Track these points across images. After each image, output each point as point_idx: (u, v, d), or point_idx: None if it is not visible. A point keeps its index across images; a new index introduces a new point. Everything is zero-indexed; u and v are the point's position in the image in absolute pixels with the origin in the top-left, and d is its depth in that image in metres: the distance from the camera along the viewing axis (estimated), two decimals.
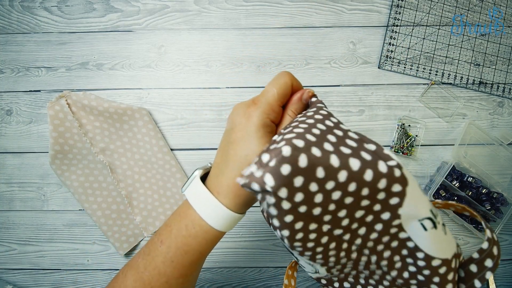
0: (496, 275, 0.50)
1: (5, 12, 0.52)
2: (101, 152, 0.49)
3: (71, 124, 0.48)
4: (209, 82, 0.52)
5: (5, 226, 0.52)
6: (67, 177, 0.50)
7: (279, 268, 0.51)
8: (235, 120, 0.29)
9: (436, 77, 0.52)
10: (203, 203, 0.30)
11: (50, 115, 0.47)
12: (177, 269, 0.31)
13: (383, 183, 0.23)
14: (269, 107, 0.29)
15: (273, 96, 0.29)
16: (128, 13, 0.52)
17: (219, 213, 0.30)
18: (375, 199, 0.24)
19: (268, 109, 0.29)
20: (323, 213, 0.24)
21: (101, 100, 0.49)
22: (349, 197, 0.24)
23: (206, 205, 0.30)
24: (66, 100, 0.48)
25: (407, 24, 0.52)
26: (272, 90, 0.29)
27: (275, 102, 0.29)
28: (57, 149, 0.48)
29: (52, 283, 0.51)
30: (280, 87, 0.30)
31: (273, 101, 0.29)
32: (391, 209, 0.25)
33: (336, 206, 0.24)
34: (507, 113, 0.52)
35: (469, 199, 0.49)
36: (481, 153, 0.51)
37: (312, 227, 0.25)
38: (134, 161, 0.50)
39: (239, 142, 0.29)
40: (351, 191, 0.23)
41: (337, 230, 0.26)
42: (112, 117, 0.49)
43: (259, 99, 0.29)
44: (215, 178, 0.30)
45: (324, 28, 0.52)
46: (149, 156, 0.50)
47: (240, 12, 0.52)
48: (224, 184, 0.29)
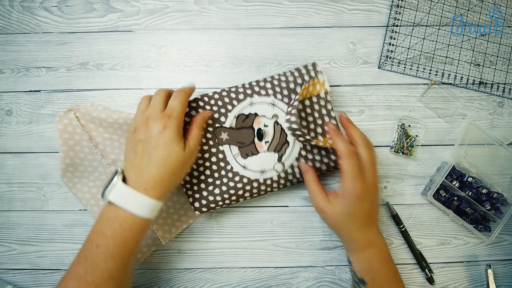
0: (496, 275, 0.51)
1: (5, 12, 0.52)
2: (112, 163, 0.49)
3: (80, 137, 0.48)
4: (209, 82, 0.52)
5: (5, 226, 0.52)
6: (79, 189, 0.50)
7: (279, 268, 0.51)
8: (153, 131, 0.38)
9: (436, 77, 0.52)
10: (132, 202, 0.37)
11: (59, 129, 0.47)
12: (118, 261, 0.37)
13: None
14: (180, 119, 0.40)
15: (181, 111, 0.40)
16: (128, 13, 0.52)
17: (149, 205, 0.37)
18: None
19: (179, 120, 0.40)
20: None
21: (110, 111, 0.48)
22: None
23: (136, 202, 0.37)
24: (75, 113, 0.48)
25: (407, 24, 0.52)
26: (178, 106, 0.40)
27: (182, 115, 0.41)
28: (67, 163, 0.48)
29: (52, 283, 0.51)
30: (182, 101, 0.41)
31: (181, 114, 0.41)
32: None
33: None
34: (507, 113, 0.52)
35: (469, 199, 0.49)
36: (481, 153, 0.51)
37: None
38: None
39: (162, 146, 0.38)
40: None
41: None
42: (121, 128, 0.48)
43: (170, 113, 0.39)
44: (140, 177, 0.38)
45: (324, 28, 0.52)
46: None
47: (240, 12, 0.52)
48: (151, 180, 0.37)
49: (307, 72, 0.47)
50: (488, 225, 0.50)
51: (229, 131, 0.47)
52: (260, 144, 0.48)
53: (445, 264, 0.51)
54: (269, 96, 0.47)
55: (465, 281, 0.51)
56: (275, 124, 0.48)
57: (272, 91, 0.47)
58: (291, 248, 0.51)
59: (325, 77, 0.47)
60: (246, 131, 0.48)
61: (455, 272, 0.51)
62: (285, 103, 0.47)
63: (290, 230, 0.51)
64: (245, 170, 0.47)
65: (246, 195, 0.48)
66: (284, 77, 0.47)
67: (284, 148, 0.48)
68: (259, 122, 0.48)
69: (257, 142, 0.48)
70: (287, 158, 0.47)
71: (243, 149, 0.48)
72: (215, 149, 0.47)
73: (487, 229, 0.50)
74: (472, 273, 0.51)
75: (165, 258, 0.51)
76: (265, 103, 0.47)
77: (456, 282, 0.51)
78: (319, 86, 0.47)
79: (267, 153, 0.48)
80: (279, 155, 0.47)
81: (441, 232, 0.52)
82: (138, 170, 0.38)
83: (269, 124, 0.48)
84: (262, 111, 0.47)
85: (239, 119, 0.47)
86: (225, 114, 0.47)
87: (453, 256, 0.51)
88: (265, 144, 0.48)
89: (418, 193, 0.52)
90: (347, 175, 0.40)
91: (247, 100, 0.47)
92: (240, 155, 0.47)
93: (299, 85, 0.47)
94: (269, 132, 0.48)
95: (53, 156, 0.52)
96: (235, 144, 0.47)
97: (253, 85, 0.48)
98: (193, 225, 0.51)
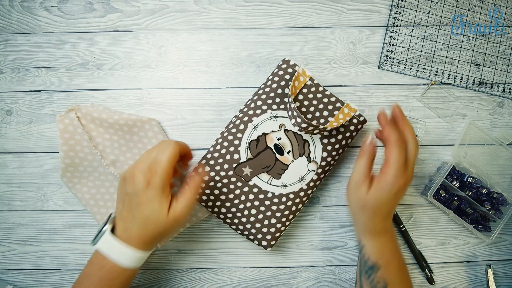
0: (496, 275, 0.51)
1: (5, 12, 0.52)
2: (112, 164, 0.49)
3: (81, 137, 0.48)
4: (209, 82, 0.52)
5: (5, 226, 0.52)
6: (78, 189, 0.50)
7: (279, 268, 0.51)
8: (138, 186, 0.36)
9: (436, 77, 0.52)
10: (119, 253, 0.37)
11: (60, 129, 0.47)
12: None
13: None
14: (165, 176, 0.37)
15: (167, 166, 0.37)
16: (128, 13, 0.52)
17: (134, 257, 0.38)
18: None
19: (164, 176, 0.37)
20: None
21: (110, 112, 0.48)
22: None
23: (122, 254, 0.37)
24: (76, 113, 0.48)
25: (407, 24, 0.52)
26: (165, 161, 0.37)
27: (169, 170, 0.37)
28: (67, 162, 0.48)
29: (52, 283, 0.51)
30: (170, 157, 0.37)
31: (167, 168, 0.37)
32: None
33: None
34: (507, 113, 0.52)
35: (469, 199, 0.49)
36: (481, 153, 0.51)
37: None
38: None
39: (144, 204, 0.37)
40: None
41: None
42: (122, 129, 0.49)
43: (155, 169, 0.37)
44: (124, 232, 0.38)
45: (324, 28, 0.53)
46: None
47: (240, 12, 0.52)
48: (134, 237, 0.37)
49: (284, 72, 0.47)
50: (488, 225, 0.50)
51: (249, 164, 0.47)
52: (284, 158, 0.47)
53: (445, 264, 0.51)
54: (266, 112, 0.47)
55: (465, 281, 0.51)
56: (286, 132, 0.47)
57: (266, 105, 0.47)
58: (291, 248, 0.51)
59: (301, 67, 0.47)
60: (265, 154, 0.47)
61: (455, 272, 0.51)
62: (283, 110, 0.47)
63: (290, 230, 0.51)
64: (285, 188, 0.47)
65: (299, 207, 0.48)
66: (268, 87, 0.47)
67: (307, 147, 0.47)
68: (271, 139, 0.47)
69: (281, 157, 0.47)
70: (315, 154, 0.47)
71: (272, 171, 0.47)
72: (247, 187, 0.47)
73: (487, 229, 0.50)
74: (472, 273, 0.51)
75: (165, 258, 0.51)
76: (266, 119, 0.47)
77: (456, 282, 0.51)
78: (302, 77, 0.47)
79: (296, 161, 0.47)
80: (306, 156, 0.47)
81: (441, 232, 0.52)
82: (125, 224, 0.38)
83: (281, 136, 0.47)
84: (268, 127, 0.47)
85: (252, 147, 0.47)
86: (236, 150, 0.47)
87: (453, 256, 0.52)
88: (288, 154, 0.47)
89: (418, 193, 0.52)
90: (392, 165, 0.39)
91: (248, 126, 0.47)
92: (273, 178, 0.47)
93: (285, 87, 0.47)
94: (286, 142, 0.47)
95: (53, 156, 0.52)
96: (261, 171, 0.47)
97: (245, 111, 0.47)
98: (193, 225, 0.51)
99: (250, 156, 0.47)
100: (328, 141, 0.47)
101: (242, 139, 0.47)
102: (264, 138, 0.47)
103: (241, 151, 0.47)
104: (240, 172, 0.47)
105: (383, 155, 0.40)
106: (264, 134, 0.47)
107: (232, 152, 0.46)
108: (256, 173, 0.47)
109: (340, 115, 0.47)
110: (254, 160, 0.47)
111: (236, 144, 0.47)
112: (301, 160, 0.47)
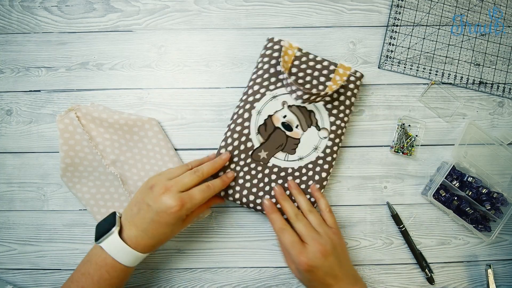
0: (496, 275, 0.51)
1: (5, 12, 0.52)
2: (112, 164, 0.49)
3: (81, 137, 0.48)
4: (209, 82, 0.52)
5: (5, 226, 0.52)
6: (78, 189, 0.50)
7: (279, 268, 0.51)
8: (162, 205, 0.39)
9: (436, 77, 0.52)
10: (122, 254, 0.39)
11: (60, 129, 0.47)
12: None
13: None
14: (192, 208, 0.40)
15: (197, 204, 0.41)
16: (128, 13, 0.52)
17: (136, 258, 0.40)
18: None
19: (190, 209, 0.40)
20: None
21: (110, 112, 0.48)
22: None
23: (125, 255, 0.39)
24: (76, 113, 0.48)
25: (407, 24, 0.52)
26: (198, 199, 0.40)
27: (196, 207, 0.41)
28: (67, 162, 0.48)
29: (52, 283, 0.51)
30: (202, 198, 0.41)
31: (196, 206, 0.41)
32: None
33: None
34: (507, 113, 0.52)
35: (469, 199, 0.49)
36: (481, 153, 0.51)
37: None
38: (144, 172, 0.50)
39: (162, 225, 0.39)
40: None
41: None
42: (122, 129, 0.49)
43: (187, 202, 0.39)
44: (134, 238, 0.40)
45: (324, 28, 0.53)
46: (160, 166, 0.50)
47: (240, 12, 0.52)
48: (142, 245, 0.40)
49: (272, 50, 0.48)
50: (488, 225, 0.50)
51: (263, 147, 0.48)
52: (294, 133, 0.48)
53: (445, 264, 0.51)
54: (265, 94, 0.48)
55: (465, 281, 0.51)
56: (289, 108, 0.48)
57: (264, 88, 0.48)
58: None
59: (287, 40, 0.48)
60: (275, 135, 0.48)
61: (455, 272, 0.51)
62: (281, 87, 0.48)
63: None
64: (302, 160, 0.48)
65: (323, 175, 0.48)
66: (261, 70, 0.48)
67: (313, 117, 0.48)
68: (277, 118, 0.48)
69: (291, 133, 0.48)
70: (322, 121, 0.48)
71: (286, 148, 0.48)
72: (267, 169, 0.48)
73: (487, 229, 0.50)
74: (472, 273, 0.51)
75: (165, 258, 0.51)
76: (267, 101, 0.48)
77: (456, 282, 0.51)
78: (290, 50, 0.48)
79: (306, 133, 0.48)
80: (315, 125, 0.48)
81: (441, 232, 0.52)
82: (133, 229, 0.40)
83: (286, 113, 0.48)
84: (271, 109, 0.48)
85: (261, 131, 0.48)
86: (247, 139, 0.47)
87: (453, 256, 0.52)
88: (297, 129, 0.48)
89: (418, 193, 0.52)
90: (289, 250, 0.42)
91: (252, 113, 0.48)
92: (289, 154, 0.48)
93: (277, 64, 0.48)
94: (292, 118, 0.48)
95: (53, 156, 0.52)
96: (276, 151, 0.48)
97: (245, 99, 0.48)
98: (193, 225, 0.51)
99: (262, 141, 0.48)
100: (332, 105, 0.48)
101: (250, 127, 0.48)
102: (271, 120, 0.48)
103: (252, 138, 0.48)
104: (257, 157, 0.48)
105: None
106: (270, 116, 0.48)
107: (244, 142, 0.47)
108: (272, 154, 0.48)
109: (337, 77, 0.48)
110: (267, 143, 0.48)
111: (245, 133, 0.47)
112: (311, 131, 0.48)
